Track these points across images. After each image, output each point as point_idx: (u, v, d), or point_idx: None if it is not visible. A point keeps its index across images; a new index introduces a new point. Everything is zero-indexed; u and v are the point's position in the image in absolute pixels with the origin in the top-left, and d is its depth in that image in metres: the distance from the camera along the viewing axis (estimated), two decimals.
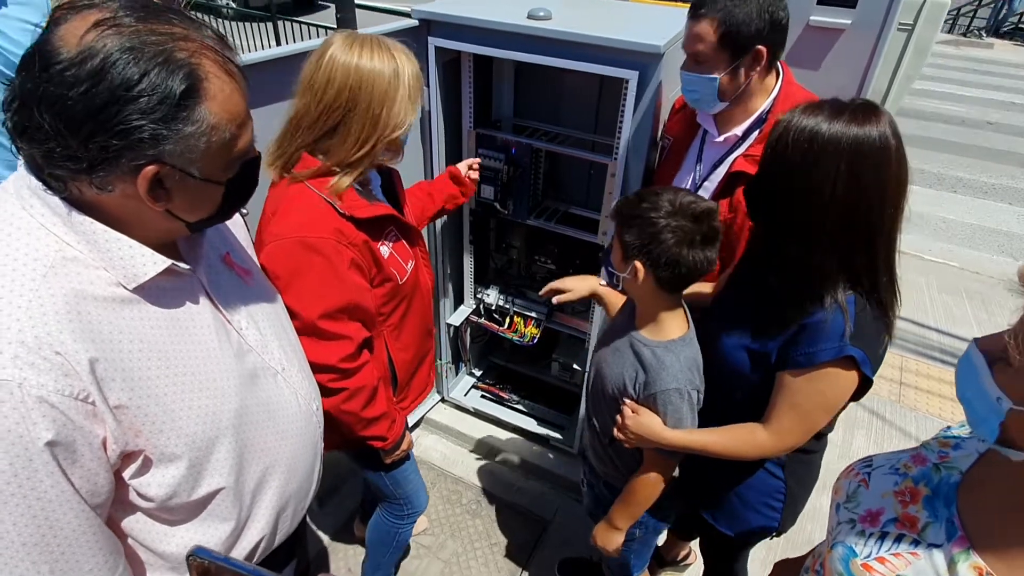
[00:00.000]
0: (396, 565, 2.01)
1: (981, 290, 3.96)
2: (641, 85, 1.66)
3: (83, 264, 0.74)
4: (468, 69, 2.03)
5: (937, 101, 7.51)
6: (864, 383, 1.15)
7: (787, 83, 1.57)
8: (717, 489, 1.46)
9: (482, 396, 2.80)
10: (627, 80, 1.66)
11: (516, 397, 2.79)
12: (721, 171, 1.63)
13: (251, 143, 0.83)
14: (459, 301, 2.62)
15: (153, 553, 0.88)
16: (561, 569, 2.22)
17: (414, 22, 1.85)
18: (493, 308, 2.54)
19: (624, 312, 1.45)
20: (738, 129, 1.60)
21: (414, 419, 2.73)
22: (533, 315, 2.46)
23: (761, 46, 1.45)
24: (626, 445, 1.35)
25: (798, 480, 1.38)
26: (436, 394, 2.81)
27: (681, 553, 2.22)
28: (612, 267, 1.31)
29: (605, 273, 1.36)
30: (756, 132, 1.58)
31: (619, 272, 1.29)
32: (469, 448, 2.70)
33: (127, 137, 0.68)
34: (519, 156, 2.11)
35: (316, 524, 2.33)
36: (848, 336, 1.10)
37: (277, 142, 1.29)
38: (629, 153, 1.79)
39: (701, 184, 1.68)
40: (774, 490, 1.39)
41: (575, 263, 2.36)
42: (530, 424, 2.64)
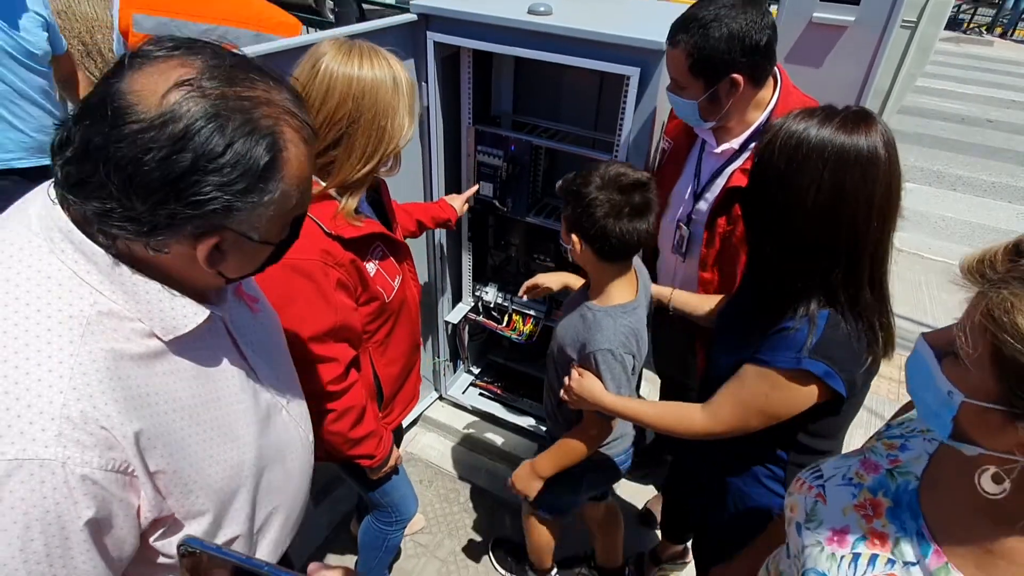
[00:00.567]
0: (389, 566, 2.01)
1: None
2: (642, 82, 1.64)
3: (118, 317, 0.69)
4: (467, 64, 2.00)
5: (937, 99, 7.49)
6: (837, 397, 1.10)
7: (785, 92, 1.55)
8: (716, 496, 1.44)
9: (480, 394, 2.79)
10: (628, 77, 1.64)
11: (514, 395, 2.77)
12: (719, 183, 1.62)
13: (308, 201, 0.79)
14: (457, 299, 2.60)
15: None
16: (495, 546, 2.27)
17: (412, 16, 1.83)
18: (491, 306, 2.53)
19: (585, 283, 1.54)
20: (735, 142, 1.59)
21: (410, 419, 2.72)
22: (532, 313, 2.44)
23: (736, 74, 1.42)
24: (569, 406, 1.43)
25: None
26: (434, 392, 2.79)
27: (677, 551, 2.21)
28: (562, 241, 1.40)
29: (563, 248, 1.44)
30: (753, 145, 1.56)
31: (565, 245, 1.38)
32: (467, 446, 2.69)
33: (200, 207, 0.64)
34: (518, 153, 2.09)
35: (311, 522, 2.32)
36: (808, 350, 1.06)
37: None
38: (629, 151, 1.77)
39: (701, 195, 1.68)
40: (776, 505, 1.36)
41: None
42: (528, 422, 2.63)
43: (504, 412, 2.69)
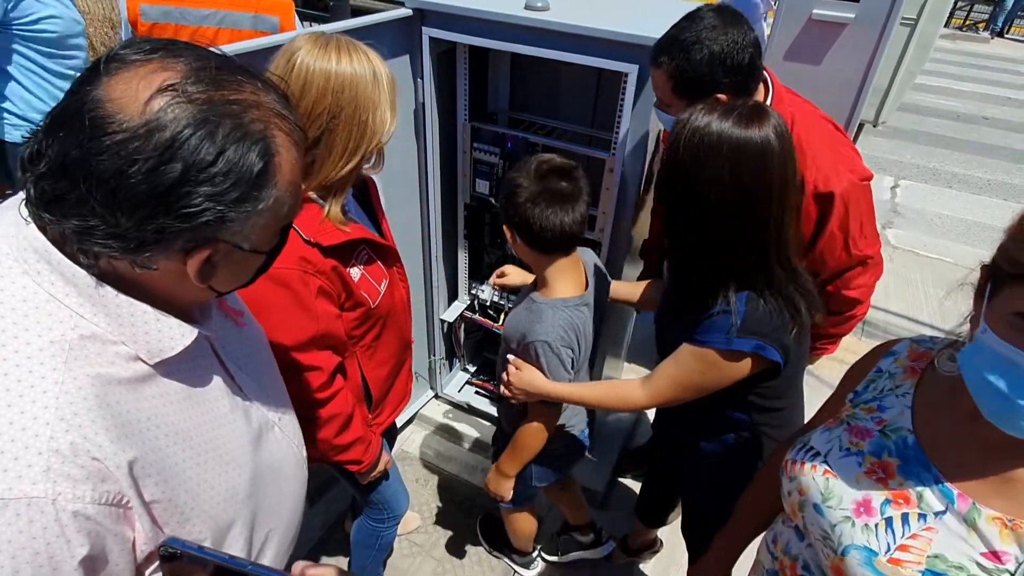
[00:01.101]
0: (383, 564, 2.00)
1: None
2: (641, 79, 1.62)
3: (101, 341, 0.65)
4: (463, 61, 1.98)
5: (933, 96, 7.50)
6: (775, 364, 1.20)
7: (778, 98, 1.53)
8: (697, 471, 1.51)
9: (476, 392, 2.77)
10: (626, 74, 1.62)
11: None
12: None
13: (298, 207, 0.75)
14: (453, 296, 2.58)
15: None
16: (482, 524, 2.29)
17: (408, 11, 1.80)
18: (488, 304, 2.51)
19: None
20: None
21: (405, 418, 2.70)
22: None
23: (720, 95, 1.39)
24: (512, 400, 1.44)
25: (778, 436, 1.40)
26: (430, 390, 2.78)
27: (648, 539, 2.22)
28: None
29: None
30: None
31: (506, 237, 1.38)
32: (463, 444, 2.68)
33: (191, 220, 0.60)
34: (515, 150, 2.07)
35: (305, 523, 2.29)
36: (735, 331, 1.15)
37: None
38: (627, 148, 1.76)
39: None
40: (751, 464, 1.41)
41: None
42: None
43: None
